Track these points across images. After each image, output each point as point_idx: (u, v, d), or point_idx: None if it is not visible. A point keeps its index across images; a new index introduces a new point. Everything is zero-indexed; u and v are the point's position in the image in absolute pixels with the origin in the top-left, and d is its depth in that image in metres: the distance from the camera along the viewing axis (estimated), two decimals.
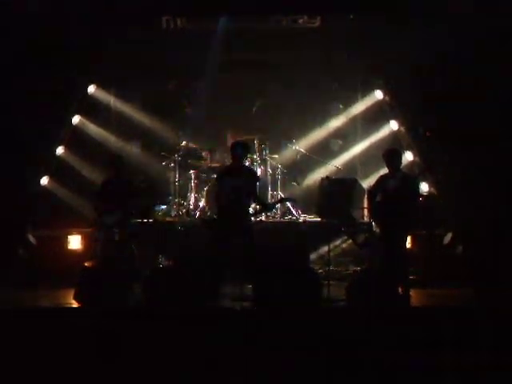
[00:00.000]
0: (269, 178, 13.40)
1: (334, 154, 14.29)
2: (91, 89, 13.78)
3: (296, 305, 9.52)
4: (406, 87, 12.72)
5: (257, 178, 10.75)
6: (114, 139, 14.24)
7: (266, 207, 11.31)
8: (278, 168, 13.49)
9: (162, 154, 13.64)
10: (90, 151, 13.62)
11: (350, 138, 14.46)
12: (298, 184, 13.78)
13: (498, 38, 11.51)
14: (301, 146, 13.95)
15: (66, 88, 12.73)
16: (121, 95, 14.32)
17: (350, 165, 14.21)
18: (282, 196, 13.16)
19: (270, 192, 13.33)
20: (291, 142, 13.92)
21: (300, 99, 14.18)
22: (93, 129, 13.89)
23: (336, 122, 14.38)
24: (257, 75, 13.93)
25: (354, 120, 14.46)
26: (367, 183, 12.73)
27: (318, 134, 14.28)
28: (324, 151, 14.29)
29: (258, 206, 11.83)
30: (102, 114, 14.14)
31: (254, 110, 14.38)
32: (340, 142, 14.45)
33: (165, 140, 14.06)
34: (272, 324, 8.82)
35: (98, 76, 13.71)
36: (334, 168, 13.80)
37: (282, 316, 9.07)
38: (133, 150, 14.27)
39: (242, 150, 10.43)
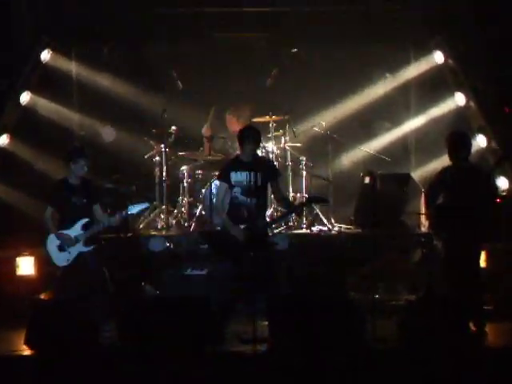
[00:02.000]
0: (290, 173, 13.36)
1: (376, 139, 14.34)
2: (45, 55, 13.71)
3: (329, 348, 9.34)
4: (477, 47, 12.55)
5: (277, 172, 10.65)
6: (77, 121, 14.30)
7: (293, 210, 11.07)
8: (301, 160, 13.36)
9: (145, 138, 13.51)
10: (46, 139, 13.65)
11: (399, 117, 14.51)
12: (329, 181, 13.65)
13: None
14: (332, 129, 13.81)
15: (10, 55, 12.63)
16: (86, 63, 14.34)
17: (399, 152, 14.30)
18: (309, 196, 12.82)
19: (291, 193, 13.30)
20: (319, 125, 13.76)
21: (331, 65, 14.15)
22: (49, 108, 13.94)
23: (380, 95, 14.37)
24: (272, 34, 13.93)
25: (404, 92, 14.57)
26: (423, 178, 12.61)
27: (355, 113, 14.36)
28: (363, 136, 14.32)
29: (275, 213, 11.67)
30: (61, 88, 14.21)
31: (268, 81, 14.27)
32: (387, 125, 14.48)
33: (147, 123, 13.97)
34: (294, 374, 8.77)
35: (54, 38, 13.63)
36: (379, 158, 13.78)
37: (309, 363, 8.98)
38: (104, 136, 14.25)
39: (253, 137, 10.25)
